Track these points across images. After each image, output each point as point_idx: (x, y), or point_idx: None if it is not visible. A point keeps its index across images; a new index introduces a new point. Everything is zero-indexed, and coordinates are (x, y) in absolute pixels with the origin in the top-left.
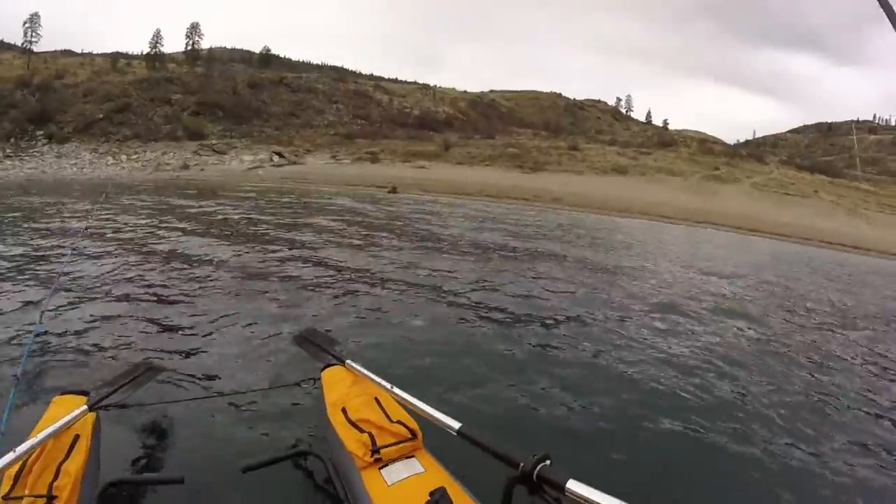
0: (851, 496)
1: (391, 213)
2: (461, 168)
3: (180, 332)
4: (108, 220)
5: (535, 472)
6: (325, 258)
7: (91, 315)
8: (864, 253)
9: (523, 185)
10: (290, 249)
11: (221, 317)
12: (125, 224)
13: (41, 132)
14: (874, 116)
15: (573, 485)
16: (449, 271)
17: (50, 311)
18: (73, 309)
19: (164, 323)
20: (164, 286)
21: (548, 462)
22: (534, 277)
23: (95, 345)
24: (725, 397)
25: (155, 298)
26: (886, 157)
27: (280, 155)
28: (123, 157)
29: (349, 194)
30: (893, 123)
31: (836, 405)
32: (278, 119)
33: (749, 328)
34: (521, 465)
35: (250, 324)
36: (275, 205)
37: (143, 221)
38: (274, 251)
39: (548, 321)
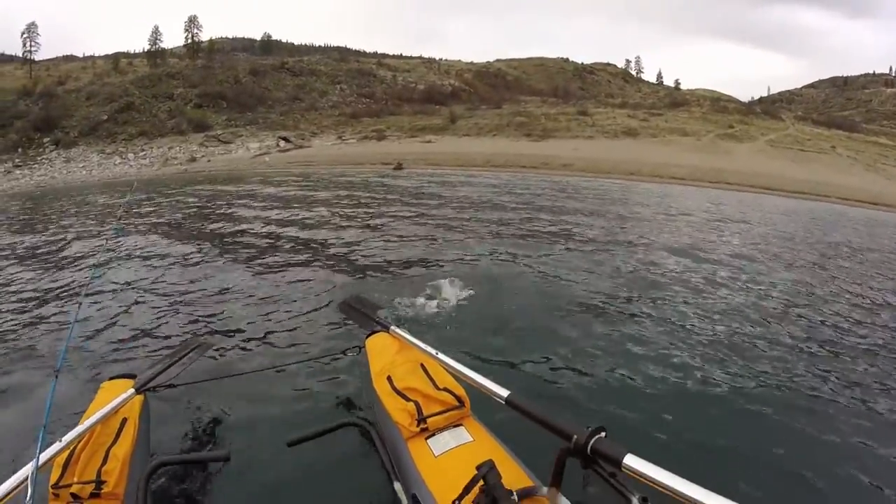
0: None
1: (389, 189)
2: (468, 140)
3: (224, 309)
4: (135, 213)
5: (590, 444)
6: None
7: (134, 299)
8: (887, 209)
9: (531, 152)
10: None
11: (265, 290)
12: (153, 212)
13: (48, 139)
14: (890, 69)
15: (630, 459)
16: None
17: (91, 296)
18: (114, 295)
19: (207, 301)
20: (203, 266)
21: (603, 434)
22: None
23: (139, 328)
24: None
25: (195, 278)
26: None
27: (286, 139)
28: (131, 156)
29: (351, 174)
30: None
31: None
32: (282, 104)
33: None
34: (575, 437)
35: (294, 295)
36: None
37: (168, 212)
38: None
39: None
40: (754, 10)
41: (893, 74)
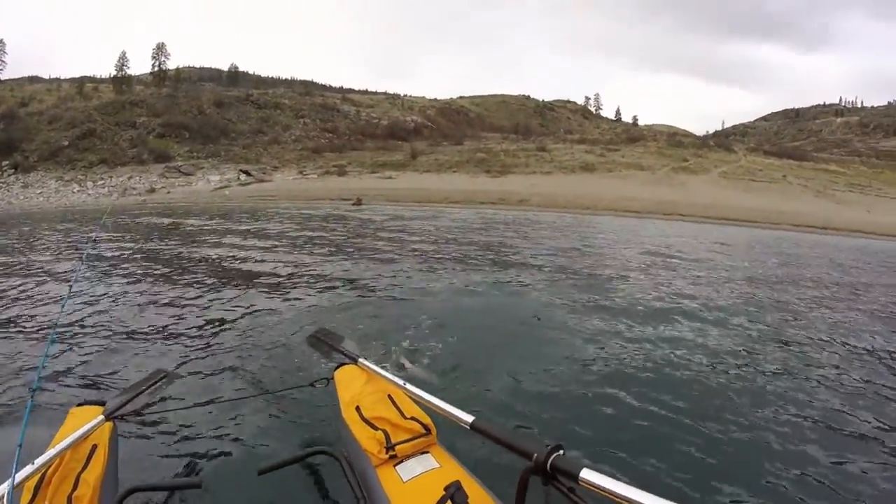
0: None
1: (348, 223)
2: (428, 176)
3: (193, 339)
4: (101, 243)
5: (549, 462)
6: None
7: (102, 327)
8: (834, 233)
9: (490, 188)
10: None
11: (232, 322)
12: (118, 244)
13: (7, 162)
14: (840, 99)
15: (586, 473)
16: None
17: (62, 325)
18: (85, 321)
19: (176, 330)
20: (173, 295)
21: (561, 452)
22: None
23: (109, 356)
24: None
25: (165, 306)
26: (854, 138)
27: (247, 173)
28: (89, 184)
29: (309, 209)
30: (860, 105)
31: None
32: (245, 137)
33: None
34: (535, 455)
35: (262, 327)
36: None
37: (132, 243)
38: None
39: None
40: (712, 47)
41: (843, 104)
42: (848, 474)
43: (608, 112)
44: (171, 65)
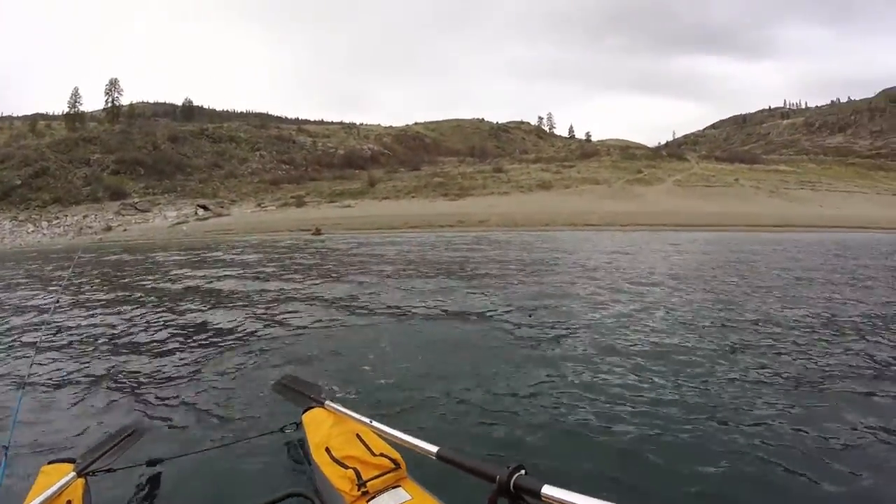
0: None
1: (308, 254)
2: (386, 203)
3: (162, 388)
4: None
5: (511, 482)
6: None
7: (71, 381)
8: (790, 230)
9: (448, 211)
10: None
11: (199, 371)
12: (81, 287)
13: None
14: (784, 102)
15: (548, 489)
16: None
17: (31, 381)
18: (53, 374)
19: (145, 380)
20: (140, 342)
21: (522, 472)
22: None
23: (79, 409)
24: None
25: (133, 355)
26: (801, 137)
27: (205, 208)
28: (44, 224)
29: (270, 241)
30: (804, 106)
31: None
32: (201, 171)
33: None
34: (498, 477)
35: (230, 373)
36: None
37: (92, 287)
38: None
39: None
40: (659, 62)
41: (788, 107)
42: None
43: (562, 130)
44: (125, 100)
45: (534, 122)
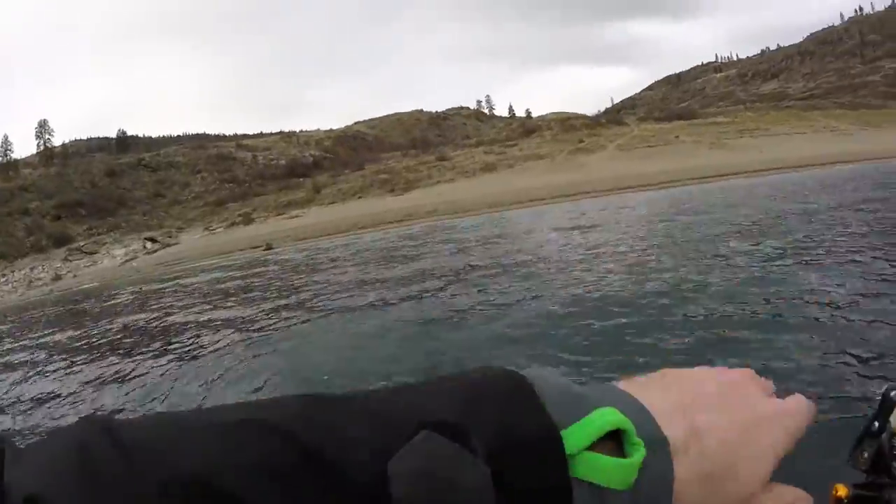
0: None
1: (258, 274)
2: (334, 207)
3: (131, 407)
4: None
5: None
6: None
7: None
8: (733, 177)
9: (396, 206)
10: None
11: (173, 389)
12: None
13: None
14: (716, 57)
15: None
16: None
17: None
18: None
19: (117, 398)
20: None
21: None
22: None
23: None
24: None
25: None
26: (736, 89)
27: (152, 240)
28: None
29: (221, 264)
30: (735, 58)
31: None
32: (144, 203)
33: None
34: None
35: (202, 395)
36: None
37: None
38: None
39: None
40: (590, 32)
41: (719, 61)
42: None
43: (502, 111)
44: (57, 141)
45: (472, 106)
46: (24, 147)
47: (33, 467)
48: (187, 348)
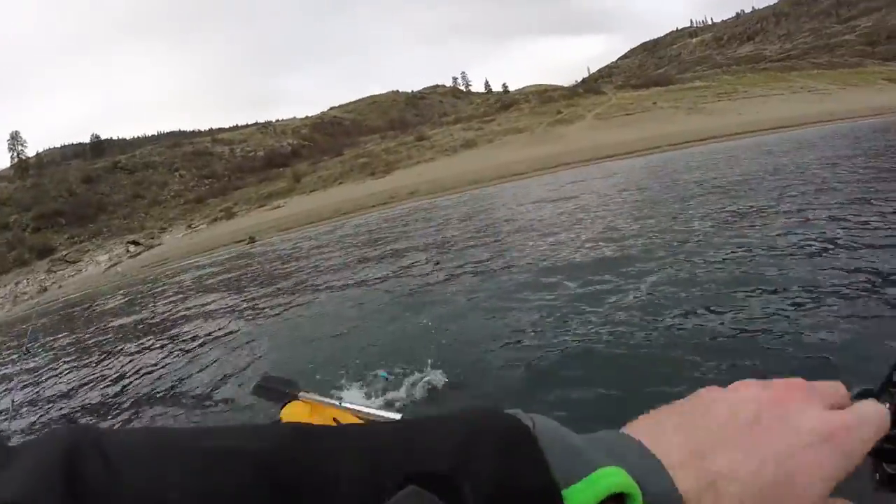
0: None
1: (243, 269)
2: (315, 195)
3: (147, 404)
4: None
5: None
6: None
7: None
8: (712, 141)
9: (378, 189)
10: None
11: (181, 385)
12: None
13: None
14: (691, 22)
15: None
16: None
17: None
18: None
19: (123, 397)
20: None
21: None
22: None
23: None
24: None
25: (112, 379)
26: (712, 52)
27: (135, 243)
28: None
29: (207, 260)
30: (710, 22)
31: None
32: (124, 206)
33: None
34: None
35: (209, 385)
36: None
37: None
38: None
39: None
40: (563, 1)
41: (694, 26)
42: None
43: (479, 87)
44: (31, 151)
45: (448, 83)
46: None
47: (19, 472)
48: (178, 343)
